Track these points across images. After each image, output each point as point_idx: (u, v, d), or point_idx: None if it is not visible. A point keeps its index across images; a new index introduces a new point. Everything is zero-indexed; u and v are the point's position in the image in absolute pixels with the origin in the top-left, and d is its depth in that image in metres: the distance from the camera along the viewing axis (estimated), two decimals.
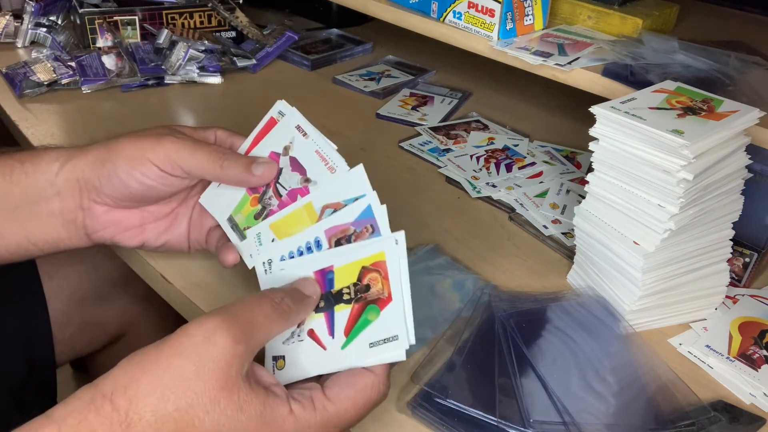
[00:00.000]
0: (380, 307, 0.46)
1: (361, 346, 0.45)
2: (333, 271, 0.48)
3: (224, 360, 0.39)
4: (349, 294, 0.47)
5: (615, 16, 0.78)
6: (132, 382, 0.38)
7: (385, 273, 0.46)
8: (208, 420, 0.39)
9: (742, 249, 0.66)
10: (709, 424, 0.51)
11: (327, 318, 0.47)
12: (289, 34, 1.13)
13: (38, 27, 1.10)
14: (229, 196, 0.56)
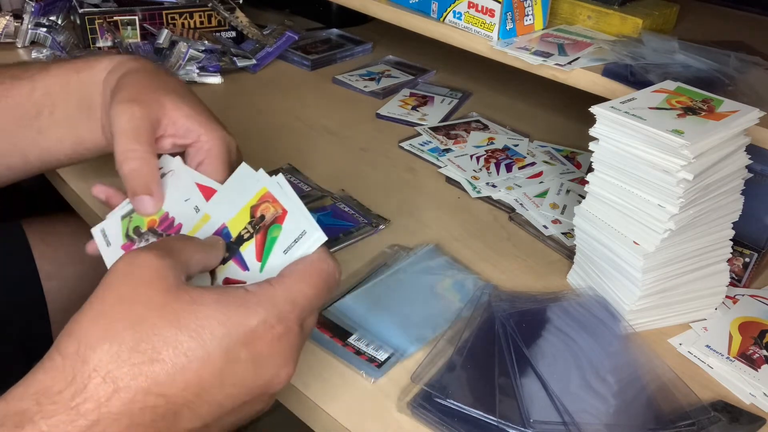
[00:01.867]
0: (280, 222, 0.47)
1: (276, 258, 0.46)
2: (227, 227, 0.48)
3: (155, 271, 0.38)
4: (249, 231, 0.47)
5: (615, 16, 0.78)
6: (74, 325, 0.37)
7: (273, 198, 0.47)
8: (166, 324, 0.36)
9: (742, 249, 0.66)
10: (709, 424, 0.51)
11: (236, 261, 0.47)
12: (289, 34, 1.13)
13: (38, 27, 1.10)
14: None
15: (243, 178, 0.50)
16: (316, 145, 0.90)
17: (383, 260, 0.67)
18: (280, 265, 0.45)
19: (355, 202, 0.76)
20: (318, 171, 0.82)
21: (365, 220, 0.73)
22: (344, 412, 0.52)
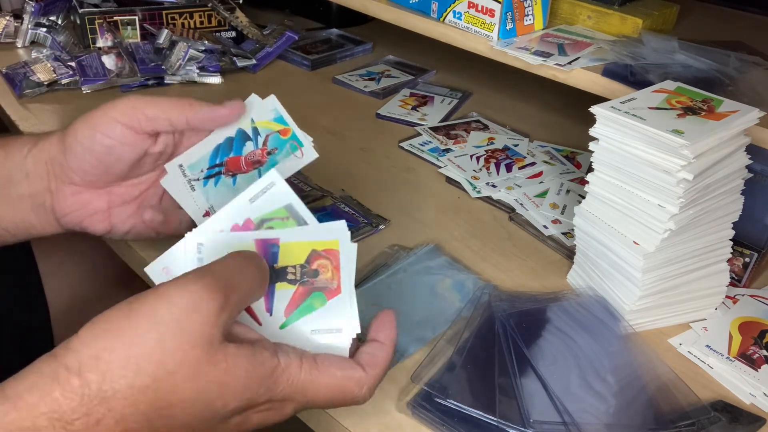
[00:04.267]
0: (327, 296, 0.45)
1: (302, 330, 0.45)
2: (278, 245, 0.46)
3: (208, 329, 0.37)
4: (295, 274, 0.46)
5: (615, 16, 0.78)
6: (102, 352, 0.35)
7: (337, 263, 0.46)
8: (190, 387, 0.36)
9: (742, 249, 0.66)
10: (709, 424, 0.51)
11: (266, 296, 0.46)
12: (289, 34, 1.13)
13: (38, 27, 1.10)
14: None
15: (327, 222, 0.47)
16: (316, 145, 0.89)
17: (383, 260, 0.67)
18: (299, 339, 0.45)
19: (355, 202, 0.76)
20: (318, 171, 0.82)
21: (365, 220, 0.73)
22: (344, 412, 0.52)
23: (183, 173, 0.56)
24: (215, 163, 0.56)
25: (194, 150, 0.56)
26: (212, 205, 0.56)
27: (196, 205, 0.57)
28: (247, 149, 0.56)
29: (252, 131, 0.56)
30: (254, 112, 0.57)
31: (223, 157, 0.56)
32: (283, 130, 0.57)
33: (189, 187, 0.56)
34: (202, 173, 0.56)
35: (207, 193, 0.57)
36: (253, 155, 0.55)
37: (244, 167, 0.56)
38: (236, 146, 0.56)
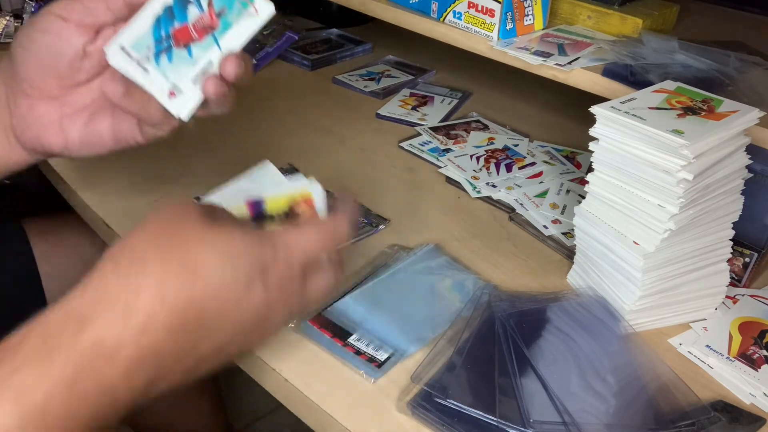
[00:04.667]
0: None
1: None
2: (264, 201, 0.52)
3: (195, 211, 0.43)
4: (281, 217, 0.52)
5: (615, 16, 0.78)
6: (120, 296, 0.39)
7: (313, 210, 0.52)
8: (207, 256, 0.41)
9: (742, 249, 0.66)
10: (709, 424, 0.51)
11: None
12: (289, 34, 1.13)
13: None
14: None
15: (296, 177, 0.54)
16: (316, 145, 0.90)
17: (383, 260, 0.67)
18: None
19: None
20: (318, 171, 0.82)
21: (365, 220, 0.73)
22: (344, 412, 0.52)
23: (128, 55, 0.51)
24: (161, 37, 0.52)
25: (131, 27, 0.51)
26: (174, 83, 0.52)
27: (157, 87, 0.52)
28: (193, 15, 0.51)
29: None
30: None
31: (167, 29, 0.52)
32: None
33: (141, 69, 0.52)
34: (150, 51, 0.51)
35: (164, 71, 0.52)
36: (201, 21, 0.52)
37: (195, 36, 0.52)
38: (178, 14, 0.51)
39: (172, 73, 0.52)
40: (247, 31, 0.52)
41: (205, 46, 0.52)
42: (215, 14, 0.52)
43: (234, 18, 0.52)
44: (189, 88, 0.51)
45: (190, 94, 0.52)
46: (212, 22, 0.52)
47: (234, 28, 0.52)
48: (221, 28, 0.52)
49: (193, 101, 0.52)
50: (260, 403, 1.33)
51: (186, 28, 0.51)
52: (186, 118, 0.52)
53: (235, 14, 0.52)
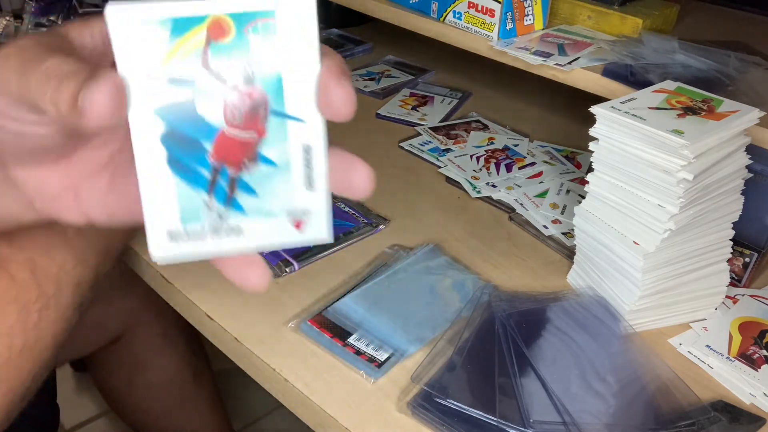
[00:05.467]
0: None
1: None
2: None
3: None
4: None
5: (615, 16, 0.78)
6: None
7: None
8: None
9: (742, 249, 0.66)
10: (709, 424, 0.51)
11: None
12: None
13: (38, 27, 1.10)
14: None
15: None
16: None
17: (383, 260, 0.67)
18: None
19: (355, 202, 0.76)
20: None
21: (365, 220, 0.73)
22: (344, 413, 0.52)
23: (185, 237, 0.32)
24: (209, 178, 0.31)
25: (153, 203, 0.31)
26: (290, 210, 0.33)
27: (268, 236, 0.33)
28: (215, 112, 0.30)
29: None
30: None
31: (201, 160, 0.31)
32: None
33: (224, 236, 0.33)
34: (212, 204, 0.32)
35: (259, 209, 0.32)
36: (237, 109, 0.30)
37: (252, 135, 0.31)
38: (193, 128, 0.30)
39: (272, 203, 0.32)
40: (302, 47, 0.30)
41: (277, 134, 0.31)
42: (250, 80, 0.30)
43: (271, 59, 0.30)
44: (311, 200, 0.32)
45: (318, 204, 0.33)
46: (256, 95, 0.30)
47: (288, 72, 0.30)
48: (273, 90, 0.30)
49: (326, 211, 0.33)
50: (260, 403, 1.33)
51: (227, 138, 0.30)
52: (332, 237, 0.34)
53: (269, 54, 0.30)
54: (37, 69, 0.29)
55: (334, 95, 0.30)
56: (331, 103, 0.30)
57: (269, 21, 0.29)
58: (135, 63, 0.29)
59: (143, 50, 0.29)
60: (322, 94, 0.30)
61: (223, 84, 0.29)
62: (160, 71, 0.29)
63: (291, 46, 0.30)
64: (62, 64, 0.29)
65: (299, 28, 0.29)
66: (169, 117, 0.30)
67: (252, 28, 0.29)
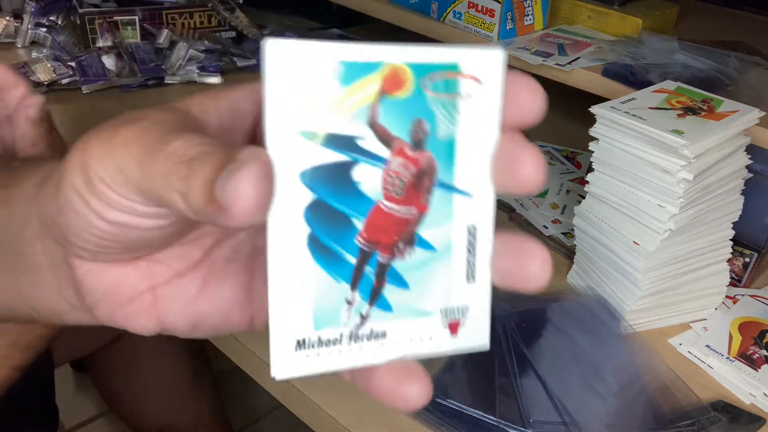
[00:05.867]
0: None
1: None
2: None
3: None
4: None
5: (615, 16, 0.78)
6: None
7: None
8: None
9: (742, 249, 0.66)
10: (709, 424, 0.51)
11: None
12: (289, 34, 1.13)
13: (38, 27, 1.10)
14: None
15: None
16: None
17: None
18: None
19: None
20: None
21: None
22: (344, 412, 0.52)
23: (317, 345, 0.26)
24: (354, 264, 0.25)
25: (280, 301, 0.24)
26: (445, 308, 0.27)
27: (416, 342, 0.26)
28: (372, 182, 0.24)
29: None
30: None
31: (344, 241, 0.24)
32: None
33: (369, 343, 0.26)
34: (353, 299, 0.25)
35: (410, 307, 0.26)
36: (398, 179, 0.25)
37: (411, 211, 0.25)
38: (342, 200, 0.24)
39: (425, 298, 0.26)
40: (483, 108, 0.24)
41: (441, 211, 0.25)
42: (419, 144, 0.24)
43: (447, 120, 0.25)
44: (470, 296, 0.27)
45: (478, 301, 0.28)
46: (423, 162, 0.24)
47: (462, 136, 0.24)
48: (443, 158, 0.24)
49: (487, 310, 0.28)
50: (260, 403, 1.34)
51: (382, 214, 0.24)
52: (488, 344, 0.28)
53: (445, 114, 0.25)
54: (162, 153, 0.23)
55: (522, 165, 0.24)
56: (518, 174, 0.24)
57: (451, 76, 0.24)
58: (289, 112, 0.22)
59: (302, 97, 0.22)
60: (505, 164, 0.24)
61: (388, 146, 0.24)
62: (318, 125, 0.23)
63: (470, 107, 0.24)
64: (192, 145, 0.22)
65: (482, 86, 0.24)
66: (317, 183, 0.23)
67: (430, 83, 0.24)
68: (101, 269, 0.28)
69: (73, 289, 0.29)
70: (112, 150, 0.24)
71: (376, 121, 0.23)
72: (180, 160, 0.22)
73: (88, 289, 0.29)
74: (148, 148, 0.23)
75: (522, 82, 0.24)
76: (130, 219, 0.25)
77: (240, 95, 0.27)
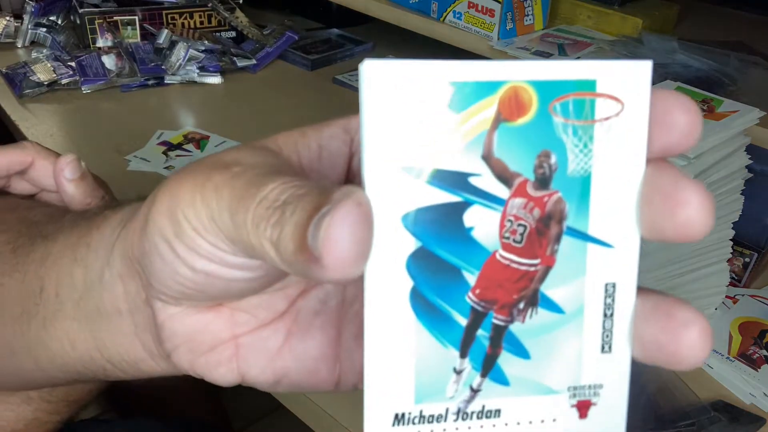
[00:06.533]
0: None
1: None
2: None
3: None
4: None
5: (615, 16, 0.78)
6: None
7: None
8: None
9: (742, 249, 0.66)
10: (709, 424, 0.51)
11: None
12: (289, 34, 1.13)
13: (38, 27, 1.10)
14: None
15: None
16: None
17: None
18: None
19: None
20: None
21: None
22: (344, 413, 0.52)
23: (417, 420, 0.21)
24: (469, 335, 0.21)
25: (383, 375, 0.20)
26: (574, 387, 0.22)
27: (538, 425, 0.23)
28: (488, 229, 0.20)
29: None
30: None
31: (456, 301, 0.20)
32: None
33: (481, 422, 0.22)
34: (464, 369, 0.21)
35: (530, 382, 0.21)
36: (519, 224, 0.20)
37: (532, 262, 0.20)
38: (451, 247, 0.20)
39: (550, 371, 0.21)
40: (626, 136, 0.20)
41: (571, 264, 0.20)
42: (545, 182, 0.20)
43: (581, 153, 0.20)
44: (606, 371, 0.21)
45: (615, 378, 0.21)
46: (550, 204, 0.20)
47: (600, 173, 0.20)
48: (574, 199, 0.20)
49: (625, 389, 0.21)
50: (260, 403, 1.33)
51: (499, 266, 0.20)
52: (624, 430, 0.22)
53: (579, 144, 0.20)
54: (254, 199, 0.21)
55: (682, 205, 0.19)
56: (676, 217, 0.19)
57: (585, 96, 0.19)
58: (391, 145, 0.19)
59: (407, 127, 0.19)
60: (657, 204, 0.19)
61: (507, 185, 0.19)
62: (424, 159, 0.19)
63: (609, 134, 0.19)
64: (286, 188, 0.20)
65: (625, 108, 0.19)
66: (422, 229, 0.19)
67: (559, 105, 0.19)
68: (183, 314, 0.27)
69: (152, 334, 0.28)
70: (205, 197, 0.22)
71: (493, 154, 0.19)
72: (272, 205, 0.20)
73: (168, 333, 0.27)
74: (241, 193, 0.21)
75: (673, 100, 0.20)
76: (217, 269, 0.23)
77: (330, 132, 0.24)
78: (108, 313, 0.30)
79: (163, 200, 0.24)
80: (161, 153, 0.85)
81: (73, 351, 0.32)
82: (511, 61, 0.19)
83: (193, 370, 0.28)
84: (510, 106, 0.19)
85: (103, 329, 0.30)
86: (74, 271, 0.30)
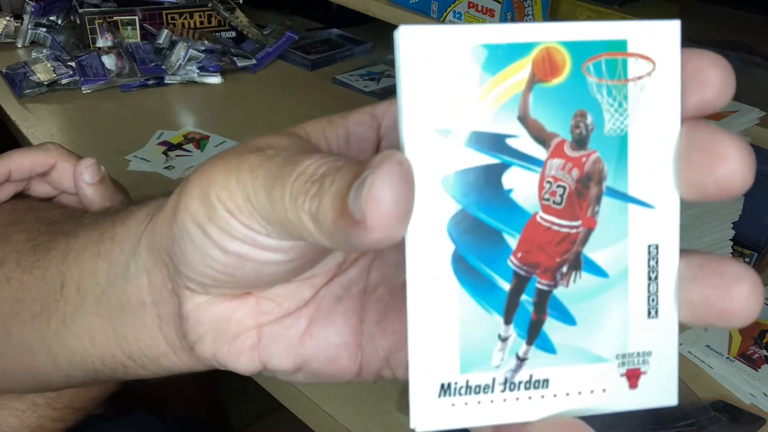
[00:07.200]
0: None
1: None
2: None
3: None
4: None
5: (615, 16, 0.78)
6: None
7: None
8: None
9: (742, 249, 0.66)
10: (709, 424, 0.51)
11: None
12: (289, 34, 1.13)
13: (38, 27, 1.10)
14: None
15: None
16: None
17: None
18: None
19: None
20: None
21: None
22: (344, 413, 0.52)
23: (462, 391, 0.20)
24: (513, 298, 0.20)
25: (424, 336, 0.19)
26: (623, 353, 0.21)
27: (587, 396, 0.22)
28: (527, 193, 0.20)
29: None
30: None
31: (496, 263, 0.20)
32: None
33: (530, 395, 0.21)
34: (507, 335, 0.20)
35: (576, 350, 0.20)
36: (558, 191, 0.20)
37: (574, 224, 0.20)
38: (489, 210, 0.19)
39: (597, 338, 0.20)
40: (659, 94, 0.20)
41: (614, 226, 0.20)
42: (583, 142, 0.19)
43: (617, 112, 0.20)
44: (654, 336, 0.20)
45: (664, 344, 0.21)
46: (589, 164, 0.20)
47: (637, 132, 0.20)
48: (613, 159, 0.19)
49: (674, 356, 0.21)
50: (260, 403, 1.34)
51: (540, 229, 0.20)
52: (676, 400, 0.21)
53: (614, 104, 0.20)
54: (291, 176, 0.21)
55: (721, 159, 0.18)
56: (715, 172, 0.19)
57: (617, 56, 0.20)
58: (428, 108, 0.19)
59: (443, 90, 0.19)
60: (695, 161, 0.19)
61: (544, 146, 0.19)
62: (461, 121, 0.19)
63: (643, 93, 0.19)
64: (323, 163, 0.20)
65: (657, 67, 0.20)
66: (461, 191, 0.19)
67: (592, 66, 0.19)
68: (210, 303, 0.27)
69: (176, 326, 0.28)
70: (240, 178, 0.22)
71: (529, 115, 0.19)
72: (310, 179, 0.20)
73: (193, 323, 0.27)
74: (277, 172, 0.21)
75: (705, 57, 0.20)
76: (250, 250, 0.23)
77: (357, 118, 0.25)
78: (131, 307, 0.30)
79: (195, 186, 0.24)
80: (161, 153, 0.85)
81: (93, 348, 0.32)
82: (542, 23, 0.19)
83: (216, 359, 0.28)
84: (544, 67, 0.19)
85: (125, 324, 0.30)
86: (97, 266, 0.30)
